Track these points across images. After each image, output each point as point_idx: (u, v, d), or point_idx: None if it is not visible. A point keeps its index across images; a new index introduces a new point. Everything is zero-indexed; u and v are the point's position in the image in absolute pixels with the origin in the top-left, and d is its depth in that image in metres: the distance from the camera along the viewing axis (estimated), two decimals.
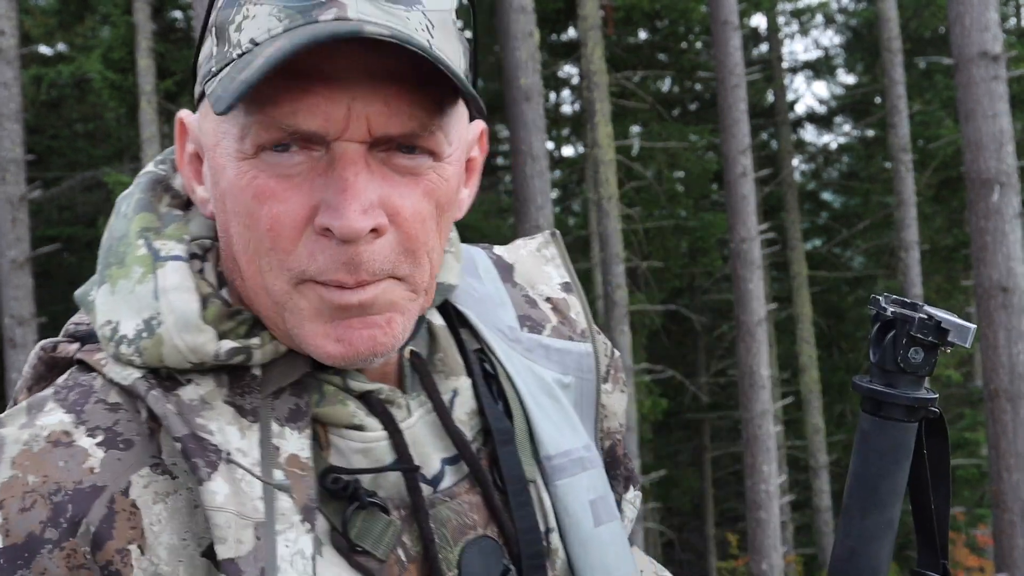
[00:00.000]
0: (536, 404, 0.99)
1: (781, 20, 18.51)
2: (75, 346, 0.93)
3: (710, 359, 18.42)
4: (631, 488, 1.13)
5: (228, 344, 0.86)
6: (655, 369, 14.59)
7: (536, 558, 0.93)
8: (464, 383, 0.97)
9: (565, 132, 18.80)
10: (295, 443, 0.86)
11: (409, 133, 0.82)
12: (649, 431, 15.38)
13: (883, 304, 1.02)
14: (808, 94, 57.06)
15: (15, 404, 0.92)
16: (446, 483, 0.93)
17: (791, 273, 16.27)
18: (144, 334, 0.86)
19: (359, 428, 0.90)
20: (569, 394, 1.03)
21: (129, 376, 0.87)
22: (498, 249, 1.11)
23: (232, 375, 0.87)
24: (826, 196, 20.41)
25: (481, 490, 0.93)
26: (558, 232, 1.11)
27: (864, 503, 1.04)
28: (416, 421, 0.93)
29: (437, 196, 0.86)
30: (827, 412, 17.26)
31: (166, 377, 0.87)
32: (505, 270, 1.07)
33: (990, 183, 7.58)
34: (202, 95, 0.88)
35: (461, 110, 0.89)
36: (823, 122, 20.27)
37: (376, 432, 0.90)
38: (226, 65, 0.82)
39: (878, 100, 17.85)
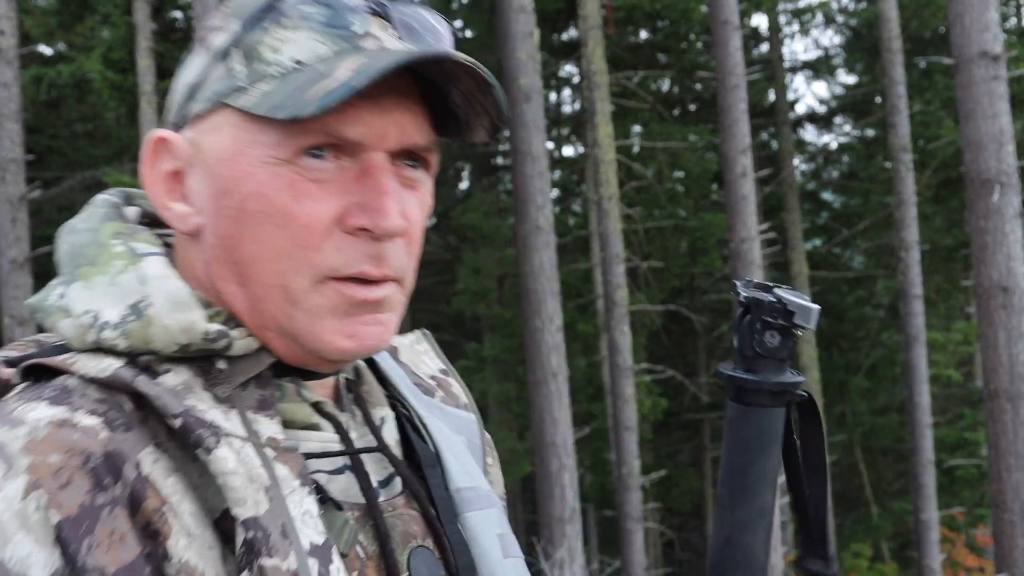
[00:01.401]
0: (444, 444, 1.06)
1: (781, 20, 18.51)
2: (10, 370, 0.93)
3: (710, 359, 18.42)
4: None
5: (215, 325, 0.90)
6: (655, 369, 14.59)
7: (469, 570, 0.98)
8: (389, 413, 1.04)
9: (565, 132, 18.81)
10: (270, 427, 0.90)
11: (426, 145, 0.93)
12: (649, 431, 15.39)
13: (739, 288, 1.01)
14: (808, 94, 57.09)
15: None
16: (383, 498, 0.98)
17: (791, 273, 16.27)
18: (131, 318, 0.89)
19: (315, 428, 0.96)
20: (465, 449, 1.10)
21: (109, 367, 0.88)
22: None
23: (202, 368, 0.91)
24: (826, 196, 20.42)
25: (418, 504, 0.99)
26: (427, 331, 1.22)
27: (734, 492, 1.01)
28: (356, 439, 0.99)
29: (426, 208, 0.96)
30: (827, 412, 17.26)
31: (144, 367, 0.89)
32: (391, 350, 1.15)
33: (990, 183, 7.58)
34: (210, 111, 0.92)
35: None
36: (823, 122, 20.28)
37: (330, 434, 0.96)
38: (260, 80, 0.90)
39: (878, 100, 17.86)
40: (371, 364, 1.08)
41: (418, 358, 1.17)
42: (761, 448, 1.00)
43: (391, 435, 1.03)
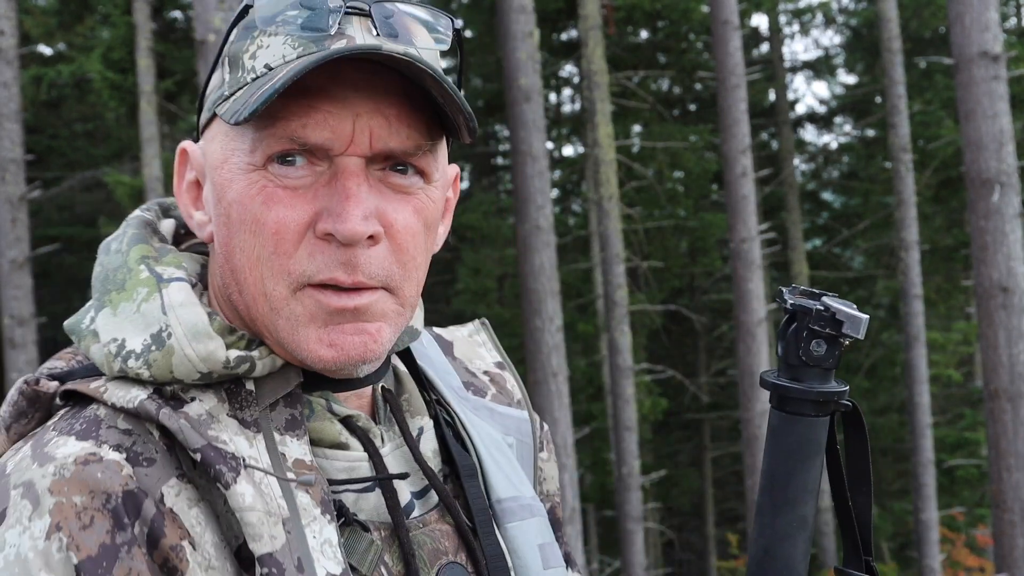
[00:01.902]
0: (487, 452, 1.05)
1: (781, 20, 18.51)
2: (55, 384, 0.95)
3: (710, 359, 18.41)
4: (570, 570, 1.16)
5: (235, 352, 0.91)
6: (655, 369, 14.59)
7: None
8: (428, 423, 1.03)
9: (565, 132, 18.80)
10: (297, 449, 0.91)
11: (406, 150, 0.91)
12: (649, 431, 15.38)
13: (786, 296, 0.99)
14: (808, 94, 57.07)
15: None
16: (417, 512, 0.98)
17: (791, 273, 16.26)
18: (153, 347, 0.90)
19: (343, 447, 0.95)
20: (512, 453, 1.09)
21: (135, 398, 0.89)
22: (437, 329, 1.19)
23: (229, 391, 0.91)
24: (826, 196, 20.41)
25: (452, 518, 0.98)
26: (487, 320, 1.21)
27: (775, 501, 1.00)
28: (389, 452, 0.99)
29: (425, 215, 0.94)
30: None
31: (171, 396, 0.90)
32: (446, 346, 1.15)
33: (990, 183, 7.58)
34: (210, 120, 0.95)
35: (444, 144, 0.98)
36: (823, 122, 20.27)
37: (358, 452, 0.96)
38: (239, 88, 0.90)
39: (878, 100, 17.85)
40: (413, 366, 1.07)
41: (474, 351, 1.16)
42: (804, 458, 0.99)
43: (429, 445, 1.02)
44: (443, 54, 0.97)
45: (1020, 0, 18.74)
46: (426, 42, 0.93)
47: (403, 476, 0.97)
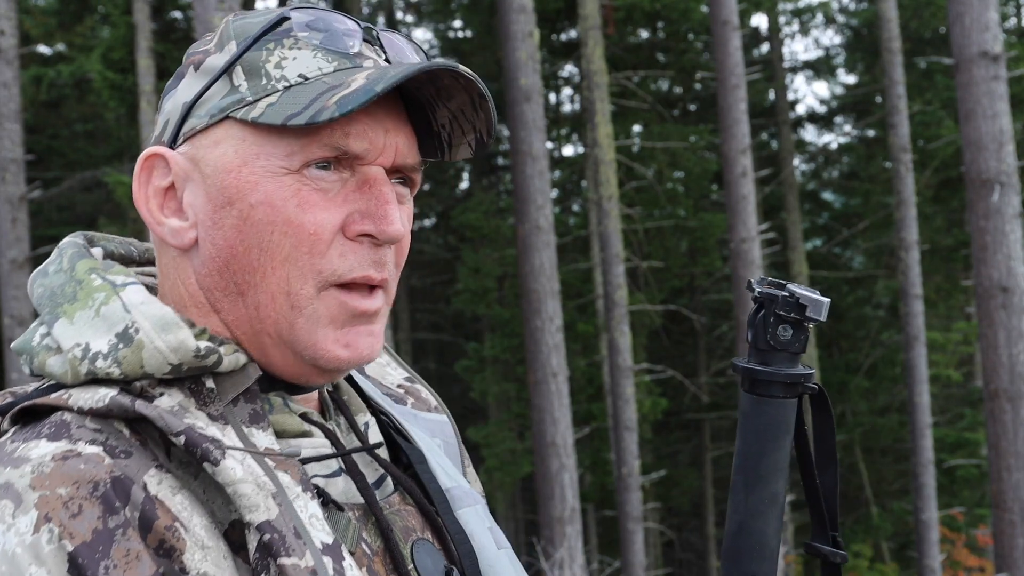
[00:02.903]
0: (426, 446, 1.10)
1: (781, 20, 18.51)
2: None
3: (710, 359, 18.41)
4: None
5: (204, 343, 0.92)
6: (655, 369, 14.59)
7: (470, 558, 1.03)
8: (371, 419, 1.08)
9: (565, 132, 18.80)
10: (265, 439, 0.93)
11: (413, 166, 0.99)
12: (649, 431, 15.38)
13: (754, 286, 1.05)
14: (808, 94, 56.97)
15: None
16: (379, 497, 1.02)
17: (791, 273, 16.26)
18: (120, 345, 0.91)
19: (307, 435, 0.99)
20: (441, 452, 1.15)
21: (105, 396, 0.89)
22: None
23: (192, 389, 0.93)
24: (826, 196, 20.42)
25: (413, 499, 1.04)
26: (385, 344, 1.24)
27: (748, 480, 1.05)
28: (345, 444, 1.03)
29: (409, 224, 1.01)
30: None
31: (139, 393, 0.91)
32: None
33: (990, 183, 7.58)
34: (208, 126, 0.96)
35: None
36: (823, 122, 20.27)
37: (322, 439, 0.99)
38: (268, 95, 0.94)
39: (878, 100, 17.85)
40: (346, 376, 1.12)
41: (382, 371, 1.22)
42: (774, 438, 1.04)
43: (376, 439, 1.07)
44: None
45: (1020, 0, 18.74)
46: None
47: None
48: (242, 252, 0.94)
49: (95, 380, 0.91)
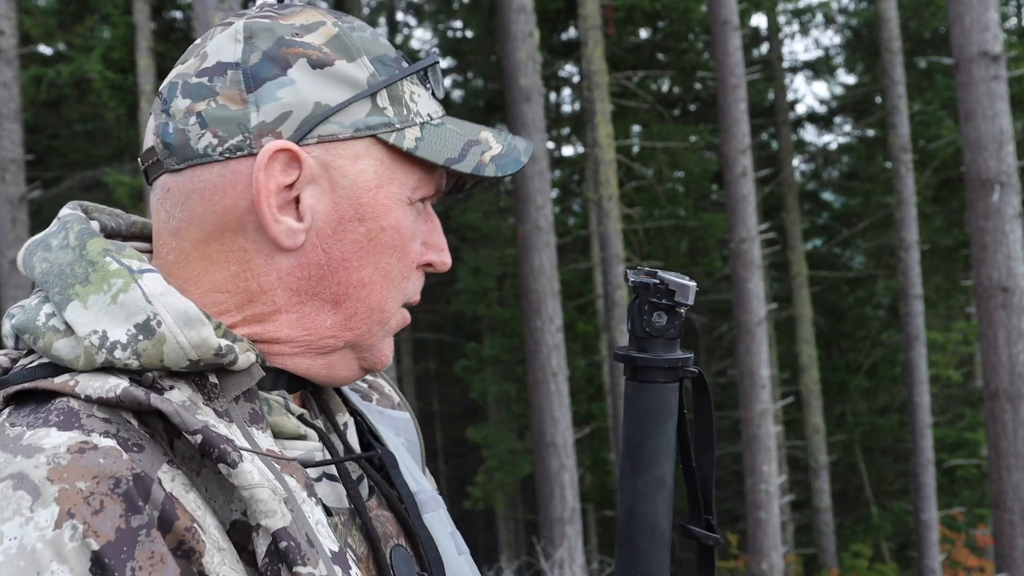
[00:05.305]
0: (395, 448, 1.13)
1: (781, 20, 18.51)
2: None
3: (710, 359, 18.42)
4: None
5: (225, 341, 0.91)
6: None
7: (438, 566, 1.04)
8: (350, 419, 1.09)
9: (565, 132, 18.80)
10: (265, 440, 0.91)
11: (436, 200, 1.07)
12: None
13: (629, 275, 1.08)
14: (808, 94, 56.99)
15: None
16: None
17: (791, 273, 16.27)
18: (141, 336, 0.88)
19: (303, 438, 0.99)
20: (405, 451, 1.17)
21: (117, 386, 0.86)
22: None
23: (197, 383, 0.91)
24: (826, 196, 20.42)
25: (388, 504, 1.05)
26: None
27: (635, 464, 1.07)
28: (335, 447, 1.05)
29: None
30: (827, 412, 17.26)
31: (150, 384, 0.88)
32: None
33: (990, 183, 7.58)
34: (350, 138, 0.95)
35: None
36: (823, 122, 20.27)
37: (316, 443, 1.00)
38: (412, 126, 0.99)
39: (878, 100, 17.86)
40: None
41: None
42: (657, 422, 1.06)
43: (354, 439, 1.08)
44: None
45: (1020, 0, 18.74)
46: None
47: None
48: (356, 267, 0.97)
49: (105, 368, 0.88)
